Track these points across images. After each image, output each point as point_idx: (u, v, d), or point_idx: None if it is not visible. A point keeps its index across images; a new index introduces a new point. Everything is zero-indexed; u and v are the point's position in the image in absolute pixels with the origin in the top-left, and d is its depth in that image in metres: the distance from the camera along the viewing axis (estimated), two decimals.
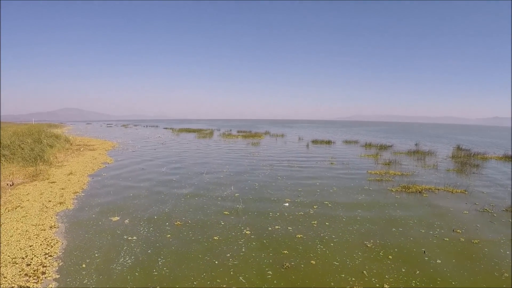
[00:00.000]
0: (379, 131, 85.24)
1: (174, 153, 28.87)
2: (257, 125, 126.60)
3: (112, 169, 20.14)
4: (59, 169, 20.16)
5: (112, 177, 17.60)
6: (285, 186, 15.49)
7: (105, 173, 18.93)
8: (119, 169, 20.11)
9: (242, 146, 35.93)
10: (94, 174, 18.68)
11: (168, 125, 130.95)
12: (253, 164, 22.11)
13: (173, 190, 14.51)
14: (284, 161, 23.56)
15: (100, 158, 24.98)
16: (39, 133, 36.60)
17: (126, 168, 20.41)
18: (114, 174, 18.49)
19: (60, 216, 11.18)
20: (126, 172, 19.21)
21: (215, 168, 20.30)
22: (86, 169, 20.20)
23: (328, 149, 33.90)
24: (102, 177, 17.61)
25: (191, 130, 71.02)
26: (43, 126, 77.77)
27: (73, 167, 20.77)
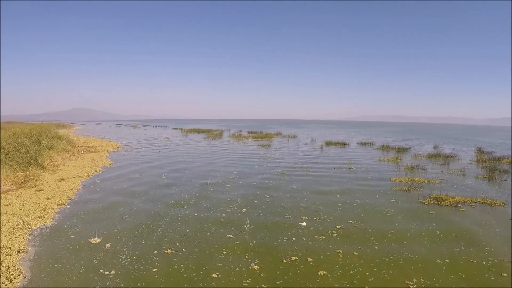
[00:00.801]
0: (390, 132, 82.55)
1: (179, 156, 27.10)
2: (268, 126, 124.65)
3: (109, 175, 18.39)
4: (52, 175, 18.56)
5: (105, 185, 15.84)
6: (301, 198, 13.49)
7: (99, 179, 17.22)
8: (115, 175, 18.34)
9: (252, 148, 33.99)
10: (88, 181, 16.98)
11: (177, 125, 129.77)
12: (263, 170, 20.15)
13: (170, 203, 12.61)
14: (297, 166, 21.59)
15: (99, 162, 23.37)
16: (40, 134, 35.27)
17: (124, 174, 18.63)
18: (109, 181, 16.74)
19: (34, 236, 9.46)
20: (122, 179, 17.43)
21: (221, 175, 18.39)
22: (81, 174, 18.55)
23: (343, 152, 31.85)
24: (94, 185, 15.89)
25: (200, 131, 69.28)
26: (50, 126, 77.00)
27: (68, 172, 19.16)
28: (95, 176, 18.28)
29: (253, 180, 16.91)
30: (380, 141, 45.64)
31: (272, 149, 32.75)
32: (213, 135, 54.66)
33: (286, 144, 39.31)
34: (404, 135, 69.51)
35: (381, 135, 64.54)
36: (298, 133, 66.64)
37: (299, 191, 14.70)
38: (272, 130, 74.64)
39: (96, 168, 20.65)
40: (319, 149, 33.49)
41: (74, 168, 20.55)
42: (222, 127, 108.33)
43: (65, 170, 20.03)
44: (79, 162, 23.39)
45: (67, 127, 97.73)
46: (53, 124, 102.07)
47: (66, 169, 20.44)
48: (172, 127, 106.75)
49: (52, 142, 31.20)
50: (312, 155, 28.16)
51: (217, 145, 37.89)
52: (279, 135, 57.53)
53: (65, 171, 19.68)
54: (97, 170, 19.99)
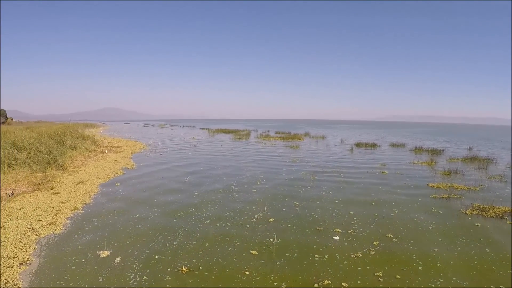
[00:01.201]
0: (422, 133, 79.19)
1: (204, 157, 26.37)
2: (296, 126, 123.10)
3: (129, 178, 17.80)
4: (72, 176, 18.17)
5: (124, 189, 15.18)
6: (333, 206, 12.33)
7: (119, 182, 16.62)
8: (136, 178, 17.72)
9: (280, 149, 32.93)
10: (107, 183, 16.42)
11: (205, 125, 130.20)
12: (292, 173, 19.08)
13: (190, 211, 11.70)
14: (328, 169, 20.39)
15: (121, 163, 22.93)
16: (65, 134, 35.47)
17: (145, 177, 17.99)
18: (128, 185, 16.09)
19: (41, 245, 8.80)
20: (142, 181, 16.76)
21: (247, 178, 17.43)
22: (101, 176, 18.05)
23: (374, 153, 30.44)
24: (113, 189, 15.26)
25: (227, 131, 68.71)
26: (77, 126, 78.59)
27: (88, 174, 18.73)
28: (115, 178, 17.72)
29: (281, 185, 15.85)
30: (411, 142, 43.77)
31: (301, 151, 31.59)
32: (240, 136, 53.93)
33: (315, 145, 38.05)
34: (434, 136, 66.62)
35: (411, 136, 62.15)
36: (326, 133, 64.95)
37: (331, 199, 13.54)
38: (300, 131, 73.23)
39: (117, 169, 20.16)
40: (350, 151, 32.11)
41: (95, 170, 20.13)
42: (250, 127, 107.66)
43: (86, 171, 19.64)
44: (101, 163, 23.03)
45: (95, 126, 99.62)
46: (81, 124, 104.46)
47: (87, 170, 20.06)
48: (199, 127, 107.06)
49: (76, 142, 31.21)
50: (343, 157, 26.85)
51: (244, 146, 37.06)
52: (308, 135, 56.24)
53: (85, 172, 19.28)
54: (118, 171, 19.47)
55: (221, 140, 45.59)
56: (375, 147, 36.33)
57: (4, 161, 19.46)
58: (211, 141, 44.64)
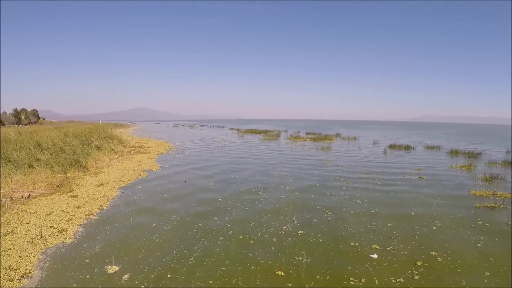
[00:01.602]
0: (455, 134, 75.88)
1: (232, 159, 25.57)
2: (327, 127, 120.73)
3: (152, 180, 17.20)
4: (93, 177, 17.77)
5: (144, 193, 14.50)
6: (369, 217, 11.15)
7: (140, 185, 16.01)
8: (158, 181, 17.07)
9: (311, 151, 31.77)
10: (128, 186, 15.84)
11: (235, 125, 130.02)
12: (324, 177, 17.95)
13: (212, 220, 10.81)
14: (361, 173, 19.12)
15: (146, 164, 22.45)
16: (91, 134, 35.61)
17: (168, 180, 17.30)
18: (149, 188, 15.44)
19: (46, 256, 8.18)
20: (164, 185, 16.05)
21: (276, 182, 16.44)
22: (123, 178, 17.53)
23: (409, 156, 28.89)
24: (133, 192, 14.63)
25: (257, 132, 67.97)
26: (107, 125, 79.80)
27: (110, 176, 18.28)
28: (137, 181, 17.14)
29: (312, 191, 14.75)
30: (445, 144, 41.61)
31: (332, 153, 30.29)
32: (270, 136, 52.98)
33: (347, 147, 36.60)
34: (470, 137, 63.60)
35: (444, 138, 59.46)
36: (357, 134, 63.09)
37: (366, 208, 12.34)
38: (331, 131, 71.54)
39: (140, 171, 19.63)
40: (383, 153, 30.61)
41: (118, 171, 19.69)
42: (280, 127, 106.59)
43: (108, 173, 19.22)
44: (125, 164, 22.64)
45: (125, 126, 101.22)
46: (111, 124, 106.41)
47: (110, 171, 19.65)
48: (229, 127, 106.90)
49: (102, 142, 31.16)
50: (377, 160, 25.43)
51: (274, 147, 36.10)
52: (339, 136, 54.72)
53: (107, 174, 18.85)
54: (141, 174, 18.93)
55: (250, 141, 44.80)
56: (409, 149, 34.69)
57: (25, 162, 19.33)
58: (240, 142, 43.94)
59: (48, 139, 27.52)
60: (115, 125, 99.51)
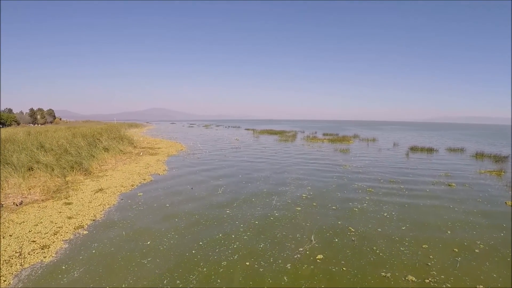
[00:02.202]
0: (476, 136, 72.80)
1: (245, 162, 24.11)
2: (344, 127, 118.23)
3: (155, 186, 15.85)
4: (94, 182, 16.60)
5: (145, 202, 13.14)
6: (400, 236, 9.54)
7: (142, 192, 14.69)
8: (163, 187, 15.71)
9: (328, 153, 30.03)
10: (129, 193, 14.55)
11: (251, 125, 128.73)
12: (344, 184, 16.35)
13: (215, 238, 9.37)
14: (385, 180, 17.46)
15: (153, 167, 21.22)
16: (101, 134, 34.67)
17: (173, 186, 15.91)
18: (151, 196, 14.07)
19: (19, 280, 7.11)
20: (169, 192, 14.67)
21: (291, 191, 14.87)
22: (125, 183, 16.29)
23: (433, 160, 27.09)
24: (132, 200, 13.31)
25: (272, 132, 66.40)
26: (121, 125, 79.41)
27: (112, 180, 17.08)
28: (140, 186, 15.85)
29: (332, 202, 13.16)
30: (469, 146, 39.57)
31: (352, 155, 28.54)
32: (286, 137, 51.36)
33: (366, 149, 34.74)
34: (491, 139, 60.58)
35: (466, 139, 56.87)
36: (376, 135, 60.85)
37: (395, 224, 10.70)
38: (348, 132, 69.49)
39: (146, 175, 18.37)
40: (405, 156, 28.75)
41: (122, 175, 18.48)
42: (296, 128, 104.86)
43: (111, 176, 18.04)
44: (131, 166, 21.45)
45: (140, 126, 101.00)
46: (126, 123, 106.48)
47: (113, 175, 18.47)
48: (244, 127, 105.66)
49: (112, 143, 30.14)
50: (400, 164, 23.62)
51: (290, 149, 34.47)
52: (357, 137, 52.81)
53: (110, 178, 17.66)
54: (146, 178, 17.66)
55: (265, 142, 43.30)
56: (431, 152, 32.84)
57: (25, 164, 18.28)
58: (255, 143, 42.44)
59: (53, 140, 26.60)
60: (130, 125, 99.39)
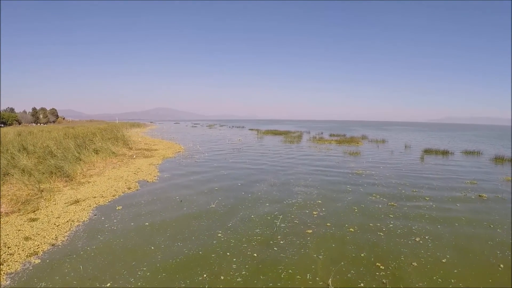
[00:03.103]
0: (487, 137, 69.94)
1: (246, 167, 21.82)
2: (349, 128, 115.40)
3: (140, 197, 13.51)
4: (72, 190, 14.45)
5: (122, 218, 10.82)
6: (444, 276, 7.17)
7: (123, 204, 12.36)
8: (147, 198, 13.35)
9: (338, 156, 27.59)
10: (107, 206, 12.29)
11: (255, 125, 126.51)
12: (360, 196, 13.92)
13: (197, 281, 6.94)
14: (407, 189, 15.18)
15: (144, 172, 19.03)
16: (95, 134, 32.59)
17: (160, 197, 13.60)
18: (132, 210, 11.70)
19: None
20: (153, 206, 12.27)
21: (299, 206, 12.43)
22: (107, 193, 14.06)
23: (451, 164, 24.84)
24: (107, 217, 10.99)
25: (277, 133, 63.93)
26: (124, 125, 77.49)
27: (94, 188, 14.92)
28: (122, 197, 13.60)
29: (350, 221, 10.73)
30: (484, 149, 37.18)
31: (364, 159, 26.03)
32: (291, 138, 48.91)
33: (378, 152, 32.23)
34: (503, 140, 57.93)
35: (478, 141, 54.27)
36: (384, 136, 58.28)
37: (433, 253, 8.30)
38: (355, 133, 67.05)
39: (132, 182, 16.18)
40: (420, 160, 26.40)
41: (107, 182, 16.32)
42: (301, 128, 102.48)
43: (94, 183, 15.87)
44: (120, 171, 19.29)
45: (142, 126, 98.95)
46: (128, 123, 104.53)
47: (97, 181, 16.32)
48: (248, 127, 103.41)
49: (105, 144, 28.02)
50: (418, 171, 21.11)
51: (296, 151, 31.95)
52: (365, 139, 50.50)
53: (92, 185, 15.49)
54: (132, 186, 15.44)
55: (269, 143, 40.98)
56: (446, 155, 30.58)
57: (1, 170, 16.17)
58: (258, 144, 40.06)
59: (39, 141, 24.53)
60: (132, 124, 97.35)
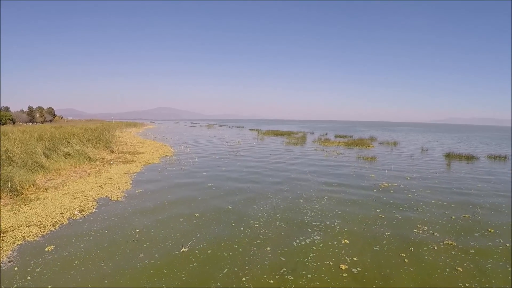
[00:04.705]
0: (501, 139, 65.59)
1: (242, 176, 17.70)
2: (354, 128, 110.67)
3: (89, 226, 9.48)
4: (9, 213, 10.58)
5: (41, 274, 7.03)
6: None
7: (57, 243, 8.27)
8: (96, 230, 9.32)
9: (352, 163, 23.38)
10: (33, 243, 8.31)
11: (256, 125, 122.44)
12: (400, 228, 9.86)
13: None
14: (458, 218, 11.10)
15: (113, 184, 15.09)
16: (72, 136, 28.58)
17: (115, 228, 9.52)
18: (64, 255, 7.68)
19: None
20: (99, 247, 8.19)
21: (318, 248, 8.37)
22: (48, 218, 10.13)
23: (483, 172, 21.04)
24: (28, 265, 7.13)
25: (279, 133, 59.61)
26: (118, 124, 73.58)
27: (39, 209, 11.12)
28: (64, 227, 9.52)
29: (402, 281, 6.84)
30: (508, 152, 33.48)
31: (383, 166, 21.91)
32: (294, 140, 44.70)
33: (394, 157, 28.11)
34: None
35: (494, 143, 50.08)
36: (394, 138, 53.51)
37: None
38: (362, 134, 62.81)
39: (90, 201, 12.15)
40: (447, 168, 22.45)
41: (60, 199, 12.41)
42: (304, 128, 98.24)
43: (43, 201, 12.03)
44: (85, 183, 15.32)
45: (138, 126, 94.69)
46: (124, 122, 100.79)
47: (48, 199, 12.45)
48: (249, 127, 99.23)
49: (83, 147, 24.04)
50: (452, 181, 17.19)
51: (301, 156, 27.61)
52: (374, 140, 46.36)
53: (39, 204, 11.64)
54: (87, 207, 11.41)
55: (270, 145, 36.86)
56: (472, 160, 26.63)
57: None
58: (258, 147, 35.84)
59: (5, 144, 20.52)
60: (128, 124, 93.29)
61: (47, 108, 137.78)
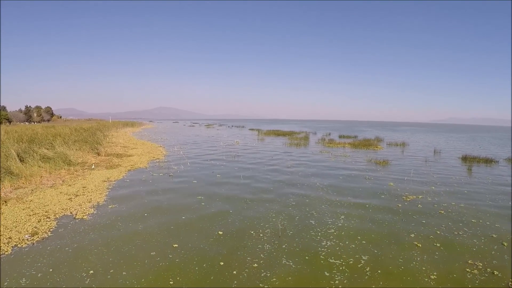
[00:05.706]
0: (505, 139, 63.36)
1: (238, 187, 15.15)
2: (357, 128, 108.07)
3: (31, 261, 7.16)
4: None
5: None
6: None
7: None
8: (44, 264, 6.99)
9: (363, 168, 20.89)
10: None
11: (256, 125, 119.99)
12: (444, 262, 7.47)
13: None
14: (491, 231, 9.26)
15: (86, 195, 12.74)
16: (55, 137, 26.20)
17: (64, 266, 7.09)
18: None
19: None
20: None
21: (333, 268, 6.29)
22: None
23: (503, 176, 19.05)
24: None
25: (280, 133, 57.12)
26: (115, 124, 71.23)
27: None
28: (2, 260, 7.32)
29: None
30: None
31: (398, 172, 19.44)
32: (297, 140, 42.24)
33: (406, 160, 25.77)
34: None
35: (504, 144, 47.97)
36: (400, 138, 51.27)
37: None
38: (366, 134, 60.38)
39: (49, 221, 9.77)
40: (468, 173, 20.10)
41: (12, 218, 10.00)
42: (306, 128, 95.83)
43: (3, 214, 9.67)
44: (54, 193, 12.98)
45: (135, 125, 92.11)
46: (121, 122, 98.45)
47: (3, 213, 10.09)
48: (249, 127, 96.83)
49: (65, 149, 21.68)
50: (482, 193, 14.69)
51: (305, 159, 25.05)
52: (381, 141, 44.01)
53: None
54: (40, 230, 9.01)
55: (271, 147, 34.43)
56: (491, 164, 24.33)
57: None
58: (257, 148, 33.36)
59: None
60: (125, 123, 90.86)
61: (45, 108, 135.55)
